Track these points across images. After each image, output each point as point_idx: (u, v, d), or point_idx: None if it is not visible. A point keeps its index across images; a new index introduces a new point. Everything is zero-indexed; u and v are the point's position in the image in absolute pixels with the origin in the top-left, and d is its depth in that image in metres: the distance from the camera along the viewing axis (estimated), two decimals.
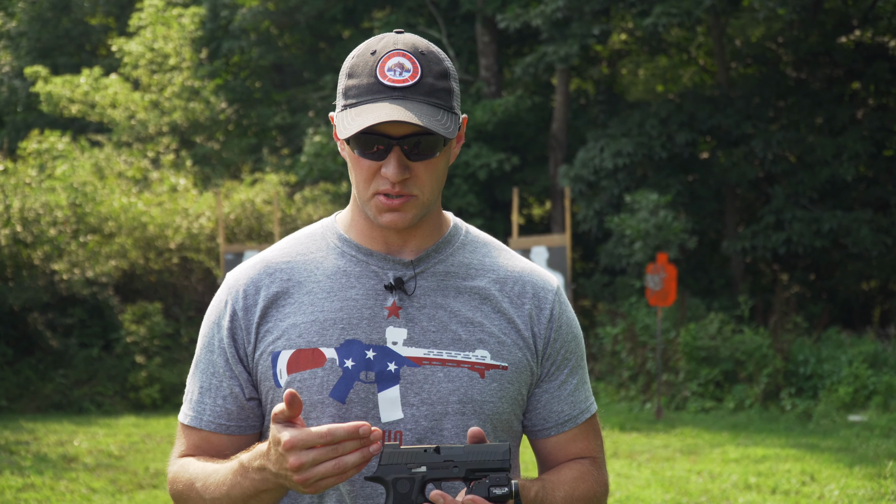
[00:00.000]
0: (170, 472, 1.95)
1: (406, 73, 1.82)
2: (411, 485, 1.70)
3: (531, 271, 1.99)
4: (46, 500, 7.33)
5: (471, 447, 1.72)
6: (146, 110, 19.53)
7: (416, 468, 1.71)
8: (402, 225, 1.86)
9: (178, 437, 1.98)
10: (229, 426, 1.93)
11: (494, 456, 1.71)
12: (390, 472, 1.71)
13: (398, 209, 1.84)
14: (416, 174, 1.84)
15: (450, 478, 1.71)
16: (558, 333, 1.97)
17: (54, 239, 13.23)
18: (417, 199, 1.85)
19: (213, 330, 1.95)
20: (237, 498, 1.79)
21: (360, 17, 20.07)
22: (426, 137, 1.82)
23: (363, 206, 1.89)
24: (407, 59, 1.83)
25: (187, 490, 1.89)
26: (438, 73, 1.85)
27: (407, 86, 1.81)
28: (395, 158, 1.81)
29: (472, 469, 1.71)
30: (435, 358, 1.87)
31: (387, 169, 1.81)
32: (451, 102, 1.86)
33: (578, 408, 2.00)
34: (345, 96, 1.85)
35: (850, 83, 17.07)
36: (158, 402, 12.81)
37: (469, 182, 17.20)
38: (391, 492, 1.71)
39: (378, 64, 1.83)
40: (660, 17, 14.40)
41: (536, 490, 1.85)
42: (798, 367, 12.05)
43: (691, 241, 14.07)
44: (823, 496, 7.40)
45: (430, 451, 1.71)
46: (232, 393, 1.92)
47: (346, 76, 1.87)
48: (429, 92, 1.82)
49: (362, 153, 1.83)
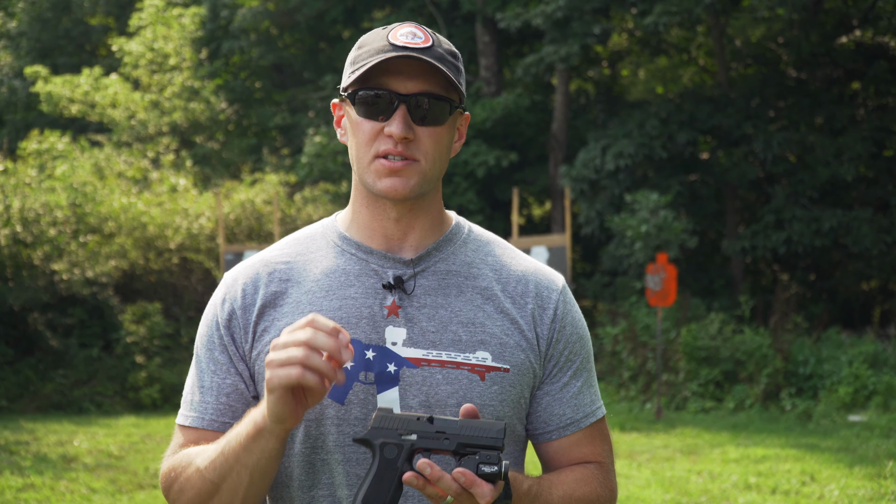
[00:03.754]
0: (164, 465, 1.87)
1: (418, 38, 1.81)
2: (399, 451, 1.65)
3: (535, 270, 1.94)
4: (46, 500, 7.32)
5: (466, 422, 1.66)
6: (146, 110, 19.52)
7: (406, 435, 1.66)
8: (402, 192, 1.81)
9: (173, 439, 1.91)
10: (231, 424, 1.86)
11: (488, 433, 1.65)
12: (379, 435, 1.66)
13: (399, 173, 1.80)
14: (420, 139, 1.81)
15: (439, 450, 1.65)
16: (561, 334, 1.91)
17: (54, 239, 13.22)
18: (420, 165, 1.81)
19: (212, 328, 1.90)
20: (230, 452, 1.74)
21: (360, 18, 20.08)
22: (434, 102, 1.80)
23: (363, 176, 1.84)
24: (419, 30, 1.83)
25: (183, 468, 1.81)
26: (448, 51, 1.85)
27: (420, 47, 1.80)
28: (400, 115, 1.79)
29: (463, 443, 1.65)
30: (434, 359, 1.83)
31: (391, 127, 1.79)
32: (459, 78, 1.84)
33: (582, 411, 1.93)
34: (352, 64, 1.84)
35: (850, 83, 17.06)
36: (158, 402, 12.81)
37: (469, 180, 17.21)
38: (377, 455, 1.66)
39: (389, 33, 1.82)
40: (660, 17, 14.40)
41: (530, 485, 1.79)
42: (798, 368, 12.05)
43: (691, 241, 14.07)
44: (823, 496, 7.40)
45: (423, 420, 1.66)
46: (236, 389, 1.87)
47: (354, 50, 1.86)
48: (441, 58, 1.81)
49: (367, 113, 1.81)
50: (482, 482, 1.62)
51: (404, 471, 1.64)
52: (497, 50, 18.68)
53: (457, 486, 1.61)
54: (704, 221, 16.43)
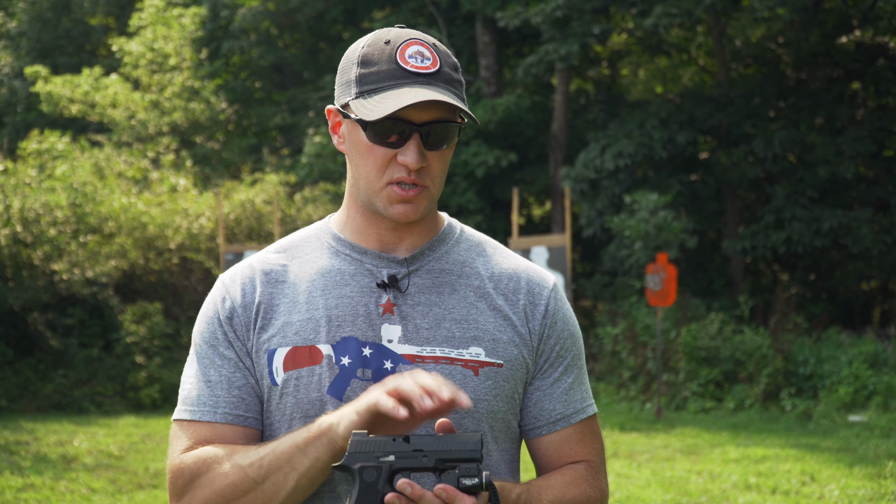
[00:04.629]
0: (182, 459, 1.81)
1: (427, 60, 1.83)
2: (378, 473, 1.65)
3: (526, 268, 1.97)
4: (46, 500, 7.32)
5: (442, 437, 1.67)
6: (146, 110, 19.53)
7: (384, 457, 1.66)
8: (413, 217, 1.85)
9: (176, 437, 1.86)
10: (247, 417, 1.85)
11: (465, 446, 1.66)
12: (357, 459, 1.66)
13: (411, 200, 1.83)
14: (430, 164, 1.84)
15: (419, 468, 1.66)
16: (553, 329, 1.93)
17: (54, 239, 13.22)
18: (429, 190, 1.85)
19: (213, 325, 1.89)
20: (282, 452, 1.74)
21: (360, 18, 20.08)
22: (444, 126, 1.82)
23: (371, 198, 1.86)
24: (425, 49, 1.84)
25: (215, 463, 1.78)
26: (452, 66, 1.87)
27: (430, 72, 1.82)
28: (414, 145, 1.81)
29: (441, 459, 1.65)
30: (428, 356, 1.85)
31: (405, 156, 1.80)
32: (463, 95, 1.88)
33: (573, 407, 1.94)
34: (360, 83, 1.83)
35: (850, 83, 17.06)
36: (158, 402, 12.81)
37: (468, 180, 17.21)
38: (357, 480, 1.65)
39: (397, 52, 1.83)
40: (660, 18, 14.40)
41: (519, 493, 1.80)
42: (798, 368, 12.04)
43: (691, 241, 14.07)
44: (823, 496, 7.39)
45: (399, 440, 1.67)
46: (248, 383, 1.86)
47: (357, 65, 1.85)
48: (448, 80, 1.84)
49: (380, 140, 1.82)
50: (464, 495, 1.63)
51: (385, 492, 1.65)
52: (497, 50, 18.68)
53: (439, 502, 1.63)
54: (704, 221, 16.43)
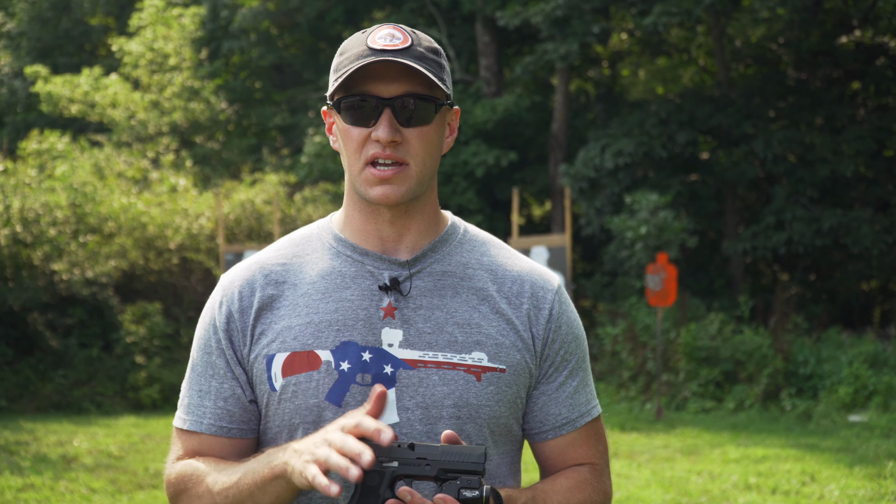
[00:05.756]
0: (170, 471, 1.89)
1: (396, 40, 1.82)
2: (380, 478, 1.66)
3: (531, 270, 1.94)
4: (46, 500, 7.32)
5: (447, 447, 1.67)
6: (146, 110, 19.53)
7: (387, 462, 1.67)
8: (394, 198, 1.82)
9: (174, 442, 1.92)
10: (231, 429, 1.88)
11: (469, 458, 1.66)
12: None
13: (390, 180, 1.81)
14: (409, 141, 1.81)
15: (421, 476, 1.66)
16: (557, 334, 1.91)
17: (54, 239, 13.22)
18: (410, 168, 1.82)
19: (209, 332, 1.91)
20: (245, 487, 1.75)
21: (360, 18, 20.08)
22: (418, 102, 1.80)
23: (355, 184, 1.85)
24: (398, 31, 1.84)
25: (193, 484, 1.83)
26: (429, 48, 1.85)
27: (398, 48, 1.81)
28: (385, 119, 1.79)
29: (444, 469, 1.66)
30: (430, 360, 1.83)
31: (377, 131, 1.79)
32: (442, 75, 1.84)
33: (578, 411, 1.94)
34: (335, 71, 1.85)
35: (850, 83, 17.06)
36: (158, 402, 12.81)
37: (468, 180, 17.22)
38: (359, 484, 1.66)
39: (368, 36, 1.83)
40: (660, 17, 14.39)
41: (525, 500, 1.80)
42: (798, 368, 12.04)
43: (691, 241, 14.07)
44: (823, 496, 7.39)
45: (404, 447, 1.67)
46: (234, 394, 1.88)
47: (336, 57, 1.87)
48: (421, 57, 1.82)
49: (354, 121, 1.82)
50: None
51: (386, 498, 1.66)
52: (497, 50, 18.67)
53: None
54: (704, 221, 16.43)
